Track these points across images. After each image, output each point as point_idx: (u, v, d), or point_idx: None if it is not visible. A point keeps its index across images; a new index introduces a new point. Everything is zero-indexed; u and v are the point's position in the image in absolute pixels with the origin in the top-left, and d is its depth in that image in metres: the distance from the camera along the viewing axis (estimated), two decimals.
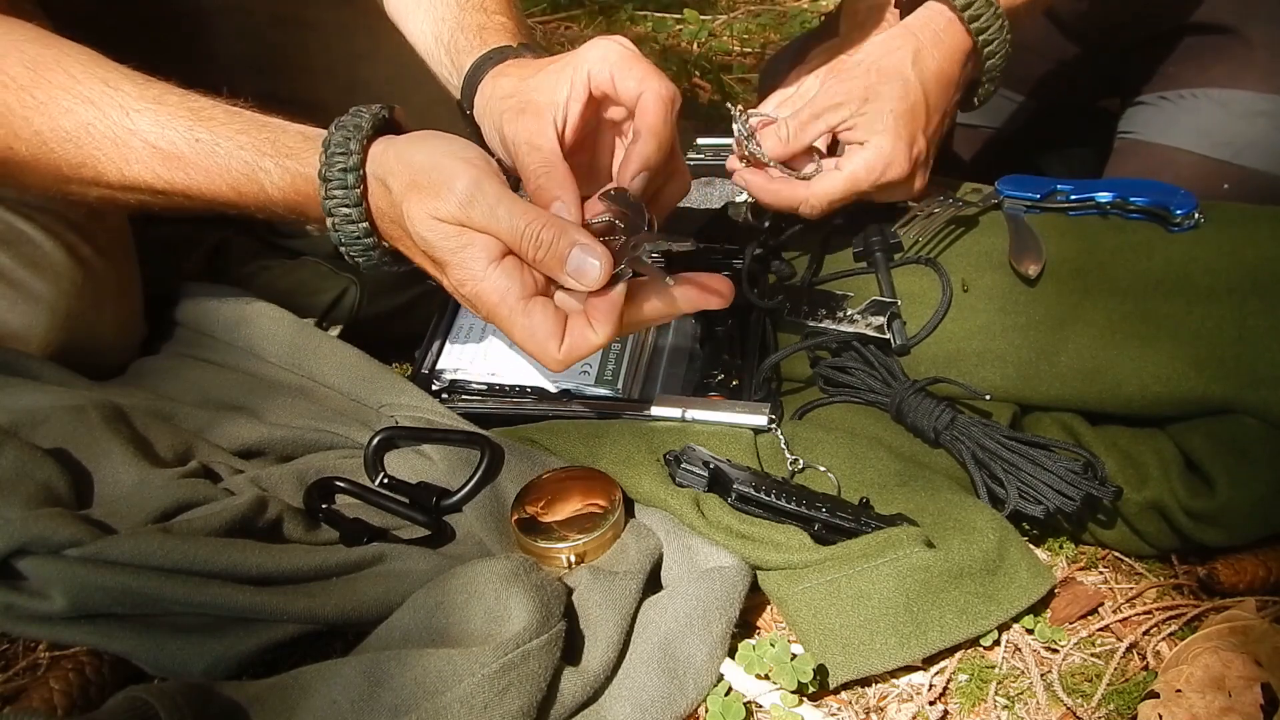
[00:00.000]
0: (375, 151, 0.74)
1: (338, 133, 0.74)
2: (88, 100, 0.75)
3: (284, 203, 0.77)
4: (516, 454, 0.83)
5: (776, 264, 0.97)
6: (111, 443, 0.77)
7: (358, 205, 0.74)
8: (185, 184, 0.76)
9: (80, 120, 0.75)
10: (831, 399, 0.89)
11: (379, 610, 0.72)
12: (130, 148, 0.75)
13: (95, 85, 0.75)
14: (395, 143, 0.75)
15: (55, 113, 0.75)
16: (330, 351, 0.89)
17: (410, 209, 0.72)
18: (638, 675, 0.70)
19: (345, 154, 0.73)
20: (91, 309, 0.88)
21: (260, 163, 0.75)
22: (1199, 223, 0.90)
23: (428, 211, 0.71)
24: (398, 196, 0.73)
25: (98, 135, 0.75)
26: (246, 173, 0.75)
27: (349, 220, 0.75)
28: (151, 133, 0.75)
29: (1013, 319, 0.88)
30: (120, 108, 0.75)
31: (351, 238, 0.75)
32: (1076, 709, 0.71)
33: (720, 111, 1.64)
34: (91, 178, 0.77)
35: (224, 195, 0.77)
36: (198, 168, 0.76)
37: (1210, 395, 0.82)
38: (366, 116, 0.75)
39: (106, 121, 0.75)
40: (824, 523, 0.77)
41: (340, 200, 0.74)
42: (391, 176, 0.73)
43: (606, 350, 0.92)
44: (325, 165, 0.74)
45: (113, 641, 0.70)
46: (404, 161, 0.73)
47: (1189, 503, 0.78)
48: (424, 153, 0.73)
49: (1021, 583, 0.75)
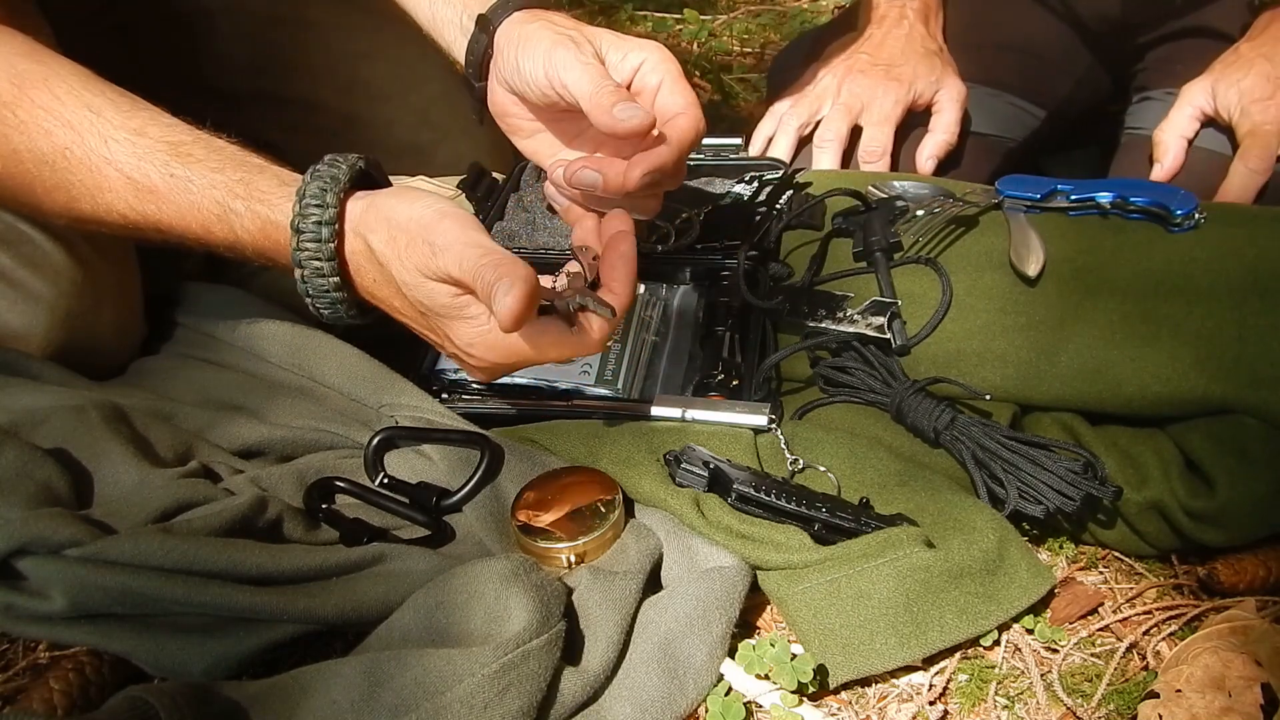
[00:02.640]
0: (354, 208, 0.74)
1: (313, 183, 0.73)
2: (68, 124, 0.74)
3: (253, 246, 0.76)
4: (516, 454, 0.83)
5: (775, 265, 0.97)
6: (111, 443, 0.77)
7: (330, 260, 0.73)
8: (157, 218, 0.76)
9: (58, 144, 0.74)
10: (831, 399, 0.89)
11: (379, 610, 0.72)
12: (105, 176, 0.75)
13: (78, 109, 0.74)
14: (376, 200, 0.74)
15: (34, 133, 0.74)
16: (330, 351, 0.89)
17: (400, 271, 0.72)
18: (638, 675, 0.70)
19: (321, 206, 0.72)
20: (91, 309, 0.88)
21: (232, 204, 0.74)
22: (1199, 223, 0.90)
23: (421, 271, 0.71)
24: (383, 256, 0.72)
25: (74, 161, 0.74)
26: (218, 213, 0.75)
27: (320, 274, 0.74)
28: (128, 164, 0.74)
29: (1013, 319, 0.88)
30: (99, 135, 0.74)
31: (320, 290, 0.75)
32: (1076, 709, 0.71)
33: (720, 111, 1.65)
34: (65, 202, 0.76)
35: (194, 233, 0.76)
36: (170, 203, 0.75)
37: (1210, 395, 0.82)
38: (344, 168, 0.74)
39: (84, 148, 0.74)
40: (824, 523, 0.77)
41: (312, 253, 0.73)
42: (373, 234, 0.73)
43: (606, 350, 0.92)
44: (299, 216, 0.73)
45: (113, 641, 0.70)
46: (384, 219, 0.72)
47: (1189, 503, 0.78)
48: (406, 210, 0.72)
49: (1021, 583, 0.75)
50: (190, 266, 1.04)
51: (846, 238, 0.97)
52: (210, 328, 0.93)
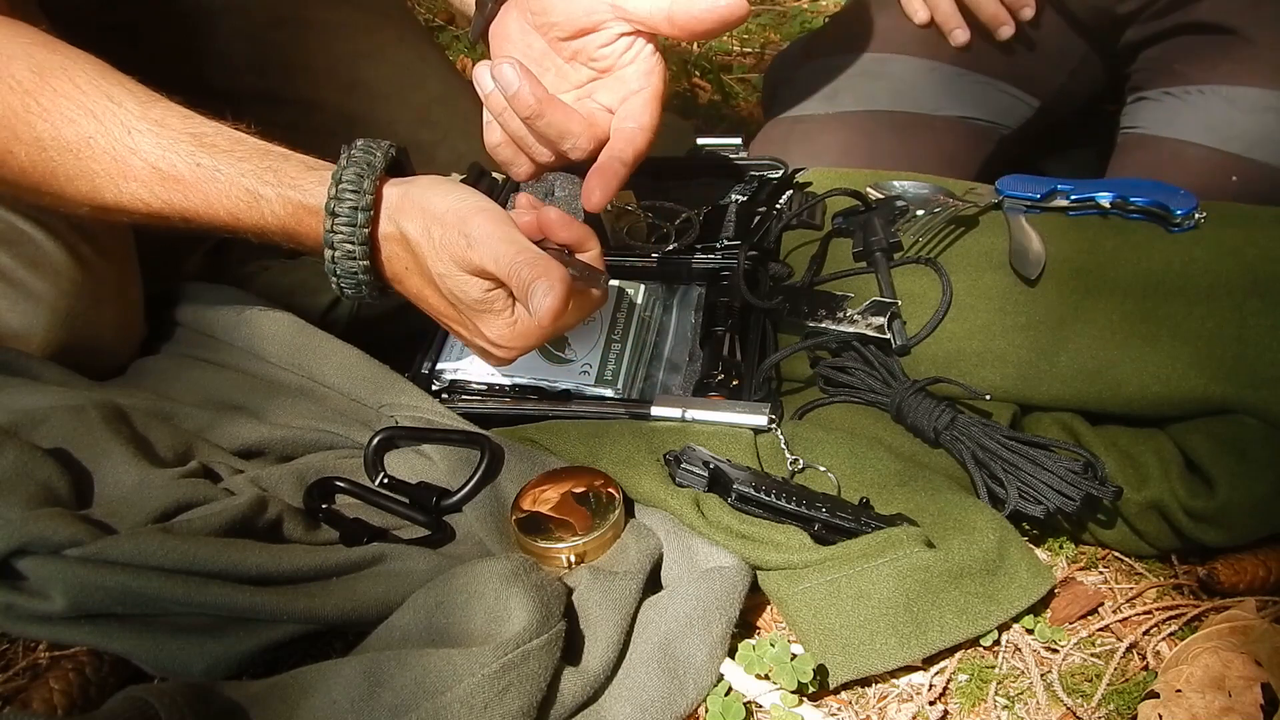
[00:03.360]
0: (390, 194, 0.76)
1: (350, 168, 0.75)
2: (90, 113, 0.75)
3: (281, 230, 0.77)
4: (516, 454, 0.83)
5: (775, 265, 0.97)
6: (111, 443, 0.77)
7: (364, 244, 0.75)
8: (183, 207, 0.76)
9: (82, 132, 0.75)
10: (831, 399, 0.89)
11: (379, 610, 0.72)
12: (130, 166, 0.75)
13: (99, 98, 0.75)
14: (411, 189, 0.76)
15: (58, 121, 0.75)
16: (330, 351, 0.89)
17: (435, 262, 0.74)
18: (638, 675, 0.70)
19: (357, 192, 0.75)
20: (91, 309, 0.88)
21: (261, 190, 0.76)
22: (1199, 223, 0.90)
23: (456, 263, 0.74)
24: (418, 245, 0.75)
25: (98, 150, 0.75)
26: (247, 200, 0.76)
27: (350, 256, 0.76)
28: (153, 154, 0.75)
29: (1013, 319, 0.88)
30: (122, 125, 0.75)
31: (348, 271, 0.77)
32: (1076, 709, 0.71)
33: (720, 111, 1.65)
34: (88, 191, 0.77)
35: (221, 220, 0.77)
36: (197, 192, 0.76)
37: (1210, 395, 0.82)
38: (379, 155, 0.77)
39: (108, 137, 0.75)
40: (824, 523, 0.77)
41: (345, 236, 0.75)
42: (409, 222, 0.75)
43: (606, 350, 0.92)
44: (334, 200, 0.74)
45: (113, 641, 0.70)
46: (420, 208, 0.75)
47: (1189, 503, 0.78)
48: (442, 201, 0.75)
49: (1021, 583, 0.75)
50: (190, 266, 1.04)
51: (846, 238, 0.97)
52: (210, 328, 0.93)
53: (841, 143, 1.15)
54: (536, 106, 0.82)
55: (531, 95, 0.82)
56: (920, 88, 1.17)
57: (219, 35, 1.12)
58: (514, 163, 0.90)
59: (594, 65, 0.88)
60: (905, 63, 1.18)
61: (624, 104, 0.87)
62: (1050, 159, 1.32)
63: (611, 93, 0.88)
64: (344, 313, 1.04)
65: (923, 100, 1.17)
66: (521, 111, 0.83)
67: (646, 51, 0.86)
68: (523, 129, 0.86)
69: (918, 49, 1.19)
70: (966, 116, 1.18)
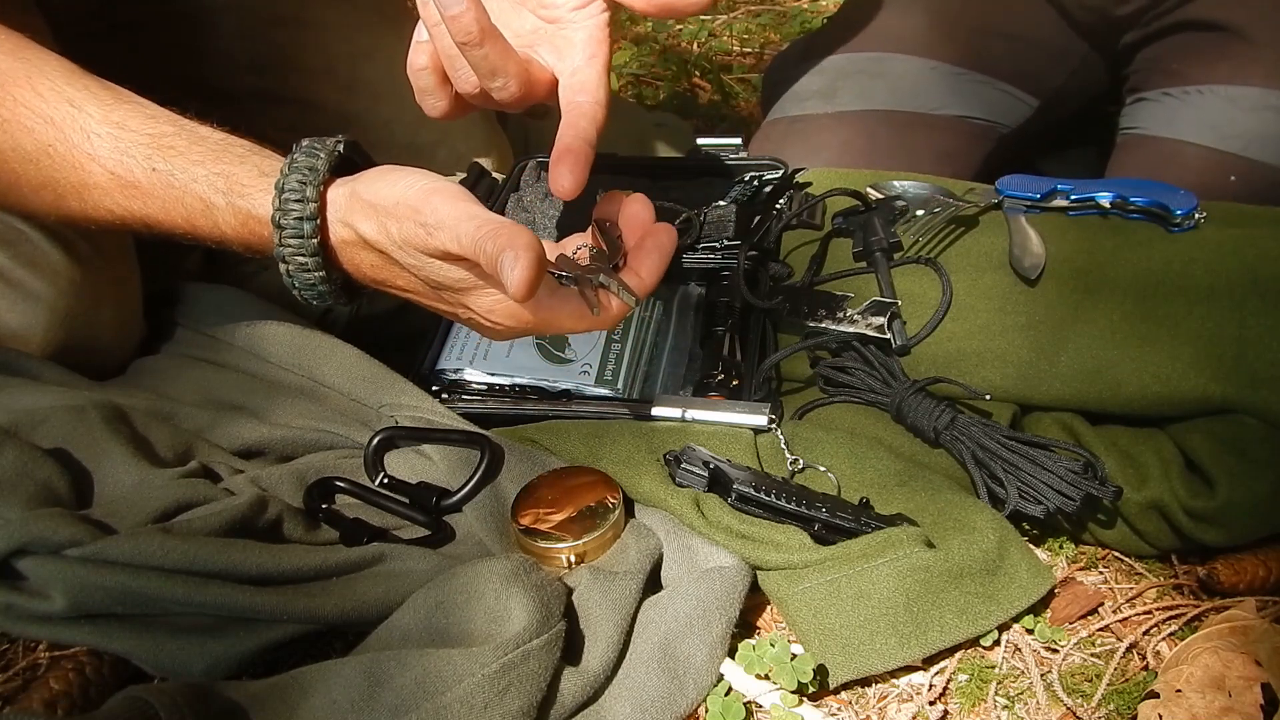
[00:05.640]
0: (335, 197, 0.72)
1: (292, 175, 0.71)
2: (49, 120, 0.73)
3: (237, 240, 0.75)
4: (516, 454, 0.83)
5: (775, 265, 0.97)
6: (111, 443, 0.77)
7: (315, 255, 0.72)
8: (143, 213, 0.75)
9: (41, 141, 0.73)
10: (831, 399, 0.89)
11: (379, 610, 0.72)
12: (89, 172, 0.73)
13: (60, 104, 0.73)
14: (357, 186, 0.72)
15: (16, 131, 0.73)
16: (330, 351, 0.89)
17: (402, 256, 0.70)
18: (638, 675, 0.70)
19: (301, 201, 0.71)
20: (91, 309, 0.88)
21: (213, 199, 0.73)
22: (1199, 223, 0.90)
23: (425, 253, 0.69)
24: (379, 243, 0.71)
25: (58, 158, 0.73)
26: (200, 208, 0.73)
27: (304, 269, 0.73)
28: (110, 159, 0.73)
29: (1013, 319, 0.88)
30: (81, 130, 0.73)
31: (306, 284, 0.74)
32: (1076, 709, 0.71)
33: (720, 111, 1.64)
34: (52, 200, 0.75)
35: (180, 228, 0.75)
36: (154, 198, 0.73)
37: (1210, 395, 0.82)
38: (322, 157, 0.72)
39: (67, 144, 0.73)
40: (824, 523, 0.77)
41: (295, 249, 0.72)
42: (362, 223, 0.71)
43: (606, 350, 0.92)
44: (279, 211, 0.71)
45: (113, 641, 0.70)
46: (370, 205, 0.71)
47: (1189, 503, 0.78)
48: (390, 192, 0.70)
49: (1021, 583, 0.75)
50: (190, 266, 1.04)
51: (846, 238, 0.97)
52: (210, 328, 0.93)
53: (841, 142, 1.15)
54: (478, 35, 0.76)
55: (475, 22, 0.75)
56: (919, 87, 1.18)
57: (219, 34, 1.12)
58: (432, 95, 0.84)
59: (543, 13, 0.83)
60: (904, 62, 1.18)
61: (574, 76, 0.82)
62: (1050, 159, 1.32)
63: (555, 53, 0.83)
64: (344, 312, 1.04)
65: (922, 99, 1.17)
66: (459, 36, 0.77)
67: (600, 14, 0.82)
68: (454, 50, 0.79)
69: (917, 48, 1.19)
70: (966, 116, 1.18)
